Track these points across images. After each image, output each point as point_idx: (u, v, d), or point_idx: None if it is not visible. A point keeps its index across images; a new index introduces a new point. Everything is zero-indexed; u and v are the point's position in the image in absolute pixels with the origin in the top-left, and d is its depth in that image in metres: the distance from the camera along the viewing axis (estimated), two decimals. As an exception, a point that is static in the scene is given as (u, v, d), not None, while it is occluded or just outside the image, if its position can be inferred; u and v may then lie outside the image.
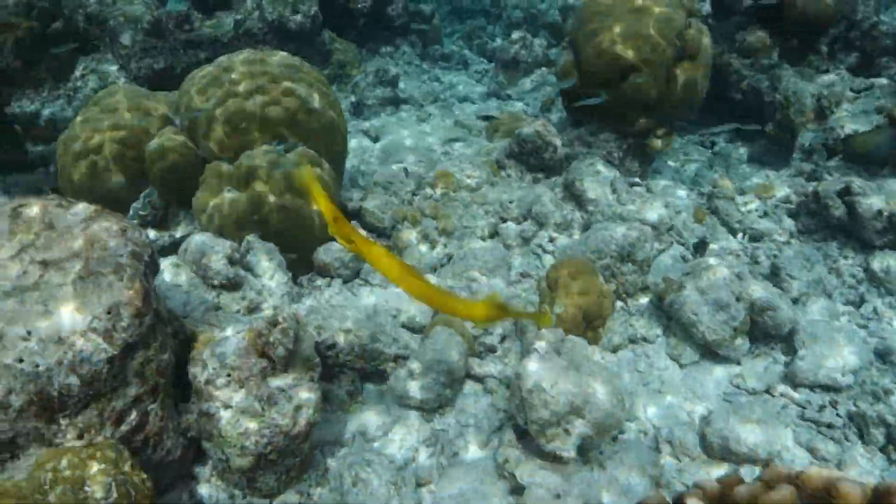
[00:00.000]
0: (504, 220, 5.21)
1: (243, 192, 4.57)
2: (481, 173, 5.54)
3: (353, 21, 9.35)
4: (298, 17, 7.80)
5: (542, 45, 8.83)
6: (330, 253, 4.85)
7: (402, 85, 8.56)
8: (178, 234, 4.91)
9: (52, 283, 2.69)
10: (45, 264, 2.71)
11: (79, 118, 5.10)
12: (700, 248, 4.71)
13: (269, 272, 4.19)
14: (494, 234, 5.15)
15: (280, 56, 5.00)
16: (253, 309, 4.01)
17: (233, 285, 3.96)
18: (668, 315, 4.33)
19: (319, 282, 4.85)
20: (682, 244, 5.01)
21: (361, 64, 8.99)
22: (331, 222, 2.64)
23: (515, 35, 8.81)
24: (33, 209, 2.85)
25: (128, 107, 4.97)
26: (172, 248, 4.98)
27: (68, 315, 2.62)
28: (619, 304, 4.48)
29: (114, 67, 7.81)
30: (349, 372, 3.88)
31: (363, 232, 5.20)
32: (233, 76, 4.75)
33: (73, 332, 2.59)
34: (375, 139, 7.17)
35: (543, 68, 8.56)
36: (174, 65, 8.04)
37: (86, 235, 2.80)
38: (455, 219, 5.10)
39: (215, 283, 3.91)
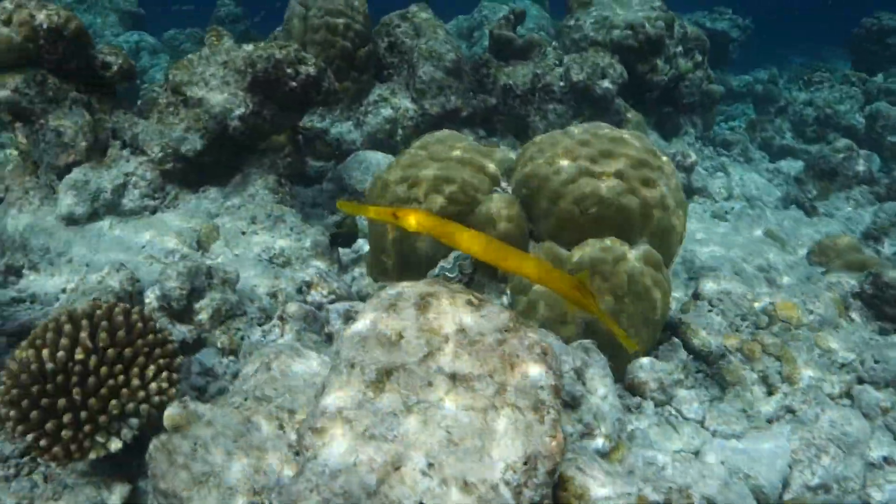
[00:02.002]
0: (861, 381, 4.27)
1: (575, 284, 3.99)
2: (826, 311, 4.64)
3: (646, 92, 8.72)
4: (605, 83, 7.27)
5: (870, 158, 7.74)
6: (647, 370, 4.18)
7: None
8: (481, 308, 4.40)
9: (458, 404, 2.16)
10: (453, 378, 2.20)
11: (403, 159, 4.76)
12: None
13: (600, 390, 3.55)
14: (846, 394, 4.23)
15: (639, 139, 4.40)
16: (585, 434, 3.38)
17: (572, 403, 3.35)
18: None
19: (627, 401, 4.18)
20: None
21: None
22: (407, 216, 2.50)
23: (841, 143, 7.80)
24: (442, 302, 2.36)
25: (460, 158, 4.56)
26: (467, 318, 4.50)
27: (477, 455, 2.08)
28: None
29: (406, 99, 7.64)
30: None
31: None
32: (587, 151, 4.20)
33: (482, 480, 2.04)
34: (670, 231, 6.43)
35: (864, 186, 7.49)
36: (462, 107, 7.77)
37: (502, 354, 2.26)
38: (801, 364, 4.24)
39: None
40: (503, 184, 4.63)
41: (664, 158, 4.41)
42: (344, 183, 6.73)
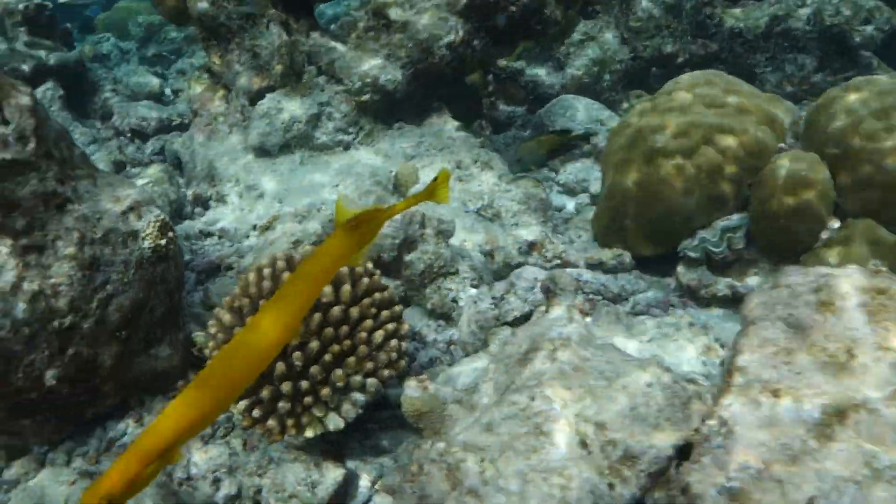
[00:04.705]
0: None
1: (903, 276, 3.05)
2: None
3: None
4: (868, 29, 6.05)
5: None
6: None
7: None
8: (740, 289, 3.56)
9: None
10: None
11: (660, 102, 3.92)
12: None
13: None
14: None
15: None
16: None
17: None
18: None
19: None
20: None
21: None
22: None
23: None
24: (846, 287, 1.55)
25: (738, 105, 3.67)
26: (728, 301, 3.68)
27: None
28: None
29: (615, 39, 6.71)
30: None
31: None
32: (934, 105, 3.21)
33: None
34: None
35: None
36: (678, 53, 6.76)
37: None
38: None
39: None
40: (789, 140, 3.70)
41: None
42: (546, 131, 5.93)
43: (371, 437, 3.22)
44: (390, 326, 2.84)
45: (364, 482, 3.01)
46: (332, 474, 2.85)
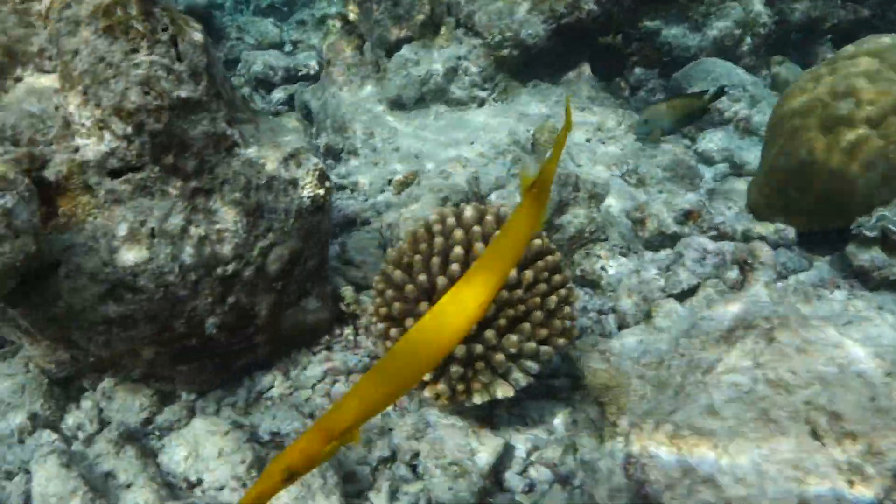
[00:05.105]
0: None
1: None
2: None
3: None
4: None
5: None
6: None
7: None
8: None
9: None
10: None
11: (840, 66, 3.59)
12: None
13: None
14: None
15: None
16: None
17: None
18: None
19: None
20: None
21: None
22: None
23: None
24: None
25: (940, 71, 3.32)
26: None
27: None
28: None
29: (759, 0, 6.28)
30: None
31: None
32: None
33: None
34: None
35: None
36: (826, 18, 6.29)
37: None
38: None
39: None
40: None
41: None
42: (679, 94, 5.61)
43: (520, 406, 3.10)
44: (563, 292, 2.68)
45: (519, 452, 2.90)
46: (493, 443, 2.74)
